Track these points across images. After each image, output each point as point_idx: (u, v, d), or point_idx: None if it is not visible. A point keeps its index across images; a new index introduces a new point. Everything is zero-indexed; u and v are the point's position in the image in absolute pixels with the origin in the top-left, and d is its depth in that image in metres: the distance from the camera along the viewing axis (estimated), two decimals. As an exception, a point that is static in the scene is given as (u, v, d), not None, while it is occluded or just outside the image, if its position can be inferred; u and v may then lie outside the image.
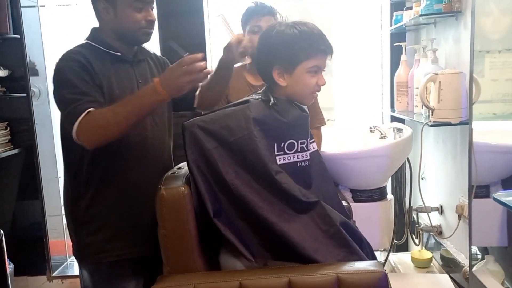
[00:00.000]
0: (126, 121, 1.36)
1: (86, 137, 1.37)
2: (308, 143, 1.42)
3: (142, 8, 1.48)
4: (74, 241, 1.56)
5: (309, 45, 1.35)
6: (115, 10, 1.47)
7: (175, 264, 1.28)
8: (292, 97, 1.40)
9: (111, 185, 1.50)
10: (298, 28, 1.35)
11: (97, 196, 1.50)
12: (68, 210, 1.57)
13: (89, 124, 1.35)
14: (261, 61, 1.41)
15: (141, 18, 1.48)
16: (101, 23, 1.54)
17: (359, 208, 2.08)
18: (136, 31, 1.50)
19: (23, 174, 2.79)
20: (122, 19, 1.48)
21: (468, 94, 1.92)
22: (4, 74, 2.61)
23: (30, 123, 2.71)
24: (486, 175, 2.03)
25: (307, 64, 1.35)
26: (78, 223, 1.53)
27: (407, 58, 2.50)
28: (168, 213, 1.26)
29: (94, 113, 1.36)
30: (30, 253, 2.79)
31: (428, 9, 2.06)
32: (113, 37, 1.52)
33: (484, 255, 2.13)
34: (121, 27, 1.49)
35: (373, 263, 1.23)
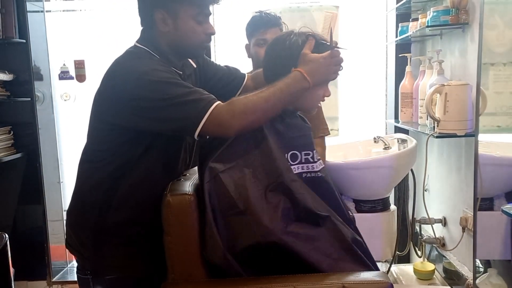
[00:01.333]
0: (273, 108, 1.30)
1: (231, 123, 1.26)
2: (314, 156, 1.40)
3: (203, 20, 1.39)
4: (90, 254, 1.43)
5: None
6: (176, 22, 1.36)
7: (180, 271, 1.27)
8: (298, 107, 1.43)
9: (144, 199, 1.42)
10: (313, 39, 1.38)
11: (133, 210, 1.41)
12: (92, 218, 1.42)
13: (233, 111, 1.26)
14: (274, 67, 1.41)
15: (202, 31, 1.39)
16: (154, 34, 1.40)
17: (362, 219, 2.05)
18: (197, 45, 1.41)
19: (25, 179, 2.78)
20: (183, 32, 1.37)
21: (475, 106, 1.92)
22: (9, 78, 2.62)
23: (33, 128, 2.71)
24: (490, 188, 2.03)
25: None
26: (101, 235, 1.42)
27: (412, 69, 2.51)
28: (174, 219, 1.25)
29: (237, 100, 1.29)
30: (31, 258, 2.78)
31: (434, 20, 2.07)
32: (169, 51, 1.41)
33: (486, 268, 2.12)
34: (181, 40, 1.39)
35: (378, 273, 1.23)
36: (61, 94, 3.02)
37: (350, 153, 2.51)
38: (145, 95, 1.27)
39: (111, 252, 1.42)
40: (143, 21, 1.43)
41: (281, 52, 1.39)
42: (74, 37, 2.92)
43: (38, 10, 2.82)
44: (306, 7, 2.70)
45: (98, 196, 1.41)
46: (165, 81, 1.28)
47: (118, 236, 1.42)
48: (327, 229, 1.30)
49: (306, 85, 1.32)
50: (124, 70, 1.33)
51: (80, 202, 1.46)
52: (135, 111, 1.29)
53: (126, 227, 1.42)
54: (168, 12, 1.35)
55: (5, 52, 2.67)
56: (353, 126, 2.87)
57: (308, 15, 2.65)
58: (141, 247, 1.44)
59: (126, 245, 1.43)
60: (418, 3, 2.50)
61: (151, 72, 1.29)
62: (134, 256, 1.43)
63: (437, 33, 2.36)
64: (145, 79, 1.28)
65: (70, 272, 3.01)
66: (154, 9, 1.36)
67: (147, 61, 1.34)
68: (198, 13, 1.37)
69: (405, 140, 2.33)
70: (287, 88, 1.31)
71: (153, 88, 1.27)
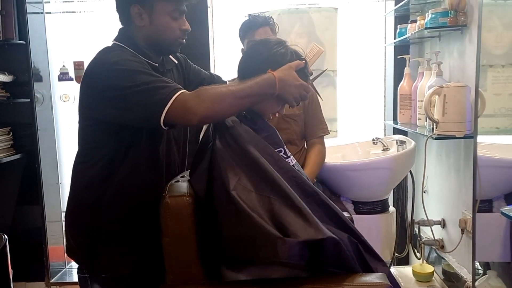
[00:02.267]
0: (240, 102, 1.30)
1: (196, 110, 1.25)
2: (287, 151, 1.42)
3: (178, 17, 1.41)
4: (85, 254, 1.45)
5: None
6: (151, 17, 1.39)
7: (178, 272, 1.27)
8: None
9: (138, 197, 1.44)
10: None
11: (122, 208, 1.43)
12: (86, 218, 1.45)
13: (199, 98, 1.26)
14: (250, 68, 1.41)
15: (177, 27, 1.42)
16: (131, 29, 1.43)
17: (361, 220, 2.07)
18: (172, 40, 1.43)
19: (24, 179, 2.78)
20: (158, 27, 1.40)
21: (473, 108, 1.92)
22: (9, 80, 2.62)
23: (33, 129, 2.71)
24: (489, 190, 2.03)
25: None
26: (94, 235, 1.43)
27: (411, 71, 2.51)
28: (172, 221, 1.25)
29: (206, 89, 1.29)
30: (29, 259, 2.78)
31: (433, 22, 2.07)
32: (145, 45, 1.43)
33: (486, 270, 2.12)
34: (156, 35, 1.41)
35: (378, 275, 1.22)
36: (61, 95, 3.02)
37: (349, 155, 2.51)
38: (112, 84, 1.29)
39: (104, 251, 1.43)
40: (121, 17, 1.45)
41: (264, 53, 1.41)
42: (74, 39, 2.92)
43: (38, 12, 2.82)
44: (305, 8, 2.70)
45: (90, 196, 1.43)
46: (131, 69, 1.30)
47: (110, 235, 1.44)
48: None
49: (272, 92, 1.32)
50: (96, 64, 1.36)
51: (74, 203, 1.48)
52: (106, 101, 1.32)
53: (117, 226, 1.43)
54: (143, 7, 1.38)
55: (5, 53, 2.67)
56: (351, 127, 2.88)
57: (306, 16, 2.65)
58: (134, 245, 1.45)
59: (119, 244, 1.44)
60: (416, 5, 2.51)
61: (120, 62, 1.31)
62: (127, 254, 1.45)
63: (435, 35, 2.37)
64: (113, 69, 1.30)
65: (68, 273, 3.00)
66: (130, 4, 1.39)
67: (118, 53, 1.37)
68: (173, 9, 1.39)
69: (404, 141, 2.33)
70: (257, 88, 1.31)
71: (120, 76, 1.29)
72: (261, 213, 1.22)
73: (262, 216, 1.21)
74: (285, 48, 1.41)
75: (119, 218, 1.43)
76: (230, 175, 1.26)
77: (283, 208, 1.22)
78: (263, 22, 2.01)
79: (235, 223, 1.22)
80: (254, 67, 1.39)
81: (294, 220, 1.20)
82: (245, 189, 1.25)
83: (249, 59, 1.46)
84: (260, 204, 1.23)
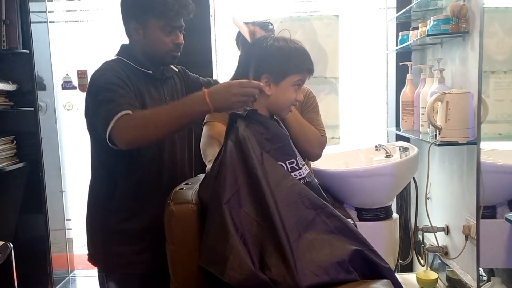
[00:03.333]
0: (166, 126, 1.33)
1: (122, 136, 1.32)
2: (299, 163, 1.42)
3: (171, 31, 1.51)
4: (100, 251, 1.56)
5: (301, 61, 1.43)
6: (145, 32, 1.51)
7: (183, 281, 1.27)
8: (271, 107, 1.45)
9: (142, 199, 1.53)
10: (291, 44, 1.43)
11: (134, 207, 1.53)
12: (98, 220, 1.56)
13: (127, 123, 1.32)
14: (249, 68, 1.43)
15: (169, 41, 1.51)
16: (131, 42, 1.57)
17: (364, 227, 2.05)
18: (164, 53, 1.53)
19: (27, 188, 2.78)
20: (151, 40, 1.51)
21: (476, 114, 1.93)
22: (13, 88, 2.63)
23: (36, 137, 2.72)
24: (492, 196, 2.03)
25: (295, 78, 1.42)
26: (109, 234, 1.54)
27: (413, 77, 2.52)
28: (178, 228, 1.26)
29: (134, 114, 1.35)
30: (32, 267, 2.77)
31: (435, 29, 2.08)
32: (142, 56, 1.55)
33: (490, 276, 2.11)
34: (150, 48, 1.52)
35: (384, 282, 1.22)
36: (64, 104, 3.04)
37: (352, 161, 2.51)
38: (89, 96, 1.45)
39: (118, 250, 1.53)
40: (125, 31, 1.58)
41: (248, 60, 1.44)
42: (77, 48, 2.95)
43: (42, 21, 2.84)
44: (307, 16, 2.72)
45: (102, 196, 1.55)
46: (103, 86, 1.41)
47: (122, 234, 1.53)
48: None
49: (206, 109, 1.32)
50: (91, 78, 1.49)
51: (90, 207, 1.60)
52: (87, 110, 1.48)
53: (128, 223, 1.53)
54: (139, 23, 1.51)
55: (9, 63, 2.68)
56: (354, 134, 2.88)
57: (308, 24, 2.67)
58: (146, 243, 1.53)
59: (132, 243, 1.53)
60: (418, 12, 2.52)
61: (101, 78, 1.44)
62: (140, 252, 1.53)
63: (437, 42, 2.37)
64: (94, 83, 1.45)
65: (71, 281, 3.00)
66: (129, 20, 1.53)
67: (108, 68, 1.48)
68: (165, 24, 1.49)
69: (407, 148, 2.33)
70: (184, 108, 1.33)
71: (93, 89, 1.44)
72: (245, 234, 1.23)
73: (244, 237, 1.22)
74: (271, 39, 1.42)
75: (129, 215, 1.52)
76: (228, 187, 1.27)
77: (267, 238, 1.24)
78: (261, 27, 1.93)
79: (216, 236, 1.24)
80: (251, 67, 1.42)
81: (271, 254, 1.22)
82: (238, 205, 1.26)
83: (245, 60, 1.49)
84: (247, 223, 1.25)
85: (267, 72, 1.40)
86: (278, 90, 1.41)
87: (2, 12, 2.51)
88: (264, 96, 1.41)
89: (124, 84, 1.43)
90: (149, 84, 1.54)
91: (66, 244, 3.03)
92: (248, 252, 1.21)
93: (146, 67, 1.55)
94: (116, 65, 1.50)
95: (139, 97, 1.47)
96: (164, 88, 1.60)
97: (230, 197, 1.25)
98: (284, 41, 1.42)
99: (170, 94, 1.62)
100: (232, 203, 1.25)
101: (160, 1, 1.47)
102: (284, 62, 1.40)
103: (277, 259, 1.21)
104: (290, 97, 1.43)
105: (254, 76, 1.41)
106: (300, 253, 1.23)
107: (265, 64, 1.40)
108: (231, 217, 1.23)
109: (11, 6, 2.56)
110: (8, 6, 2.55)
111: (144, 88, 1.52)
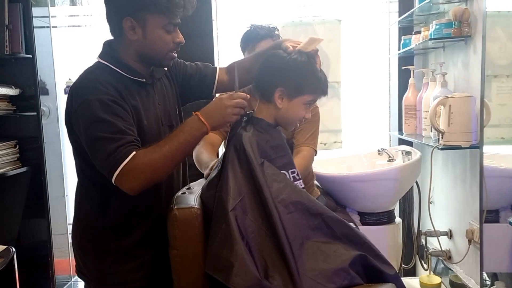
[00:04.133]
0: (173, 160, 1.29)
1: (131, 185, 1.25)
2: (298, 173, 1.44)
3: (172, 30, 1.38)
4: (94, 274, 1.45)
5: (318, 82, 1.44)
6: (144, 31, 1.35)
7: (186, 285, 1.27)
8: (279, 119, 1.46)
9: (138, 216, 1.44)
10: (313, 63, 1.44)
11: (125, 226, 1.43)
12: (89, 237, 1.45)
13: (135, 172, 1.24)
14: (266, 78, 1.44)
15: (170, 40, 1.38)
16: (121, 42, 1.40)
17: (367, 231, 2.02)
18: (164, 53, 1.40)
19: (30, 192, 2.78)
20: (151, 40, 1.36)
21: (479, 118, 1.92)
22: (15, 93, 2.63)
23: (39, 142, 2.72)
24: (495, 200, 2.02)
25: (308, 97, 1.44)
26: (101, 253, 1.43)
27: (415, 81, 2.52)
28: (181, 233, 1.25)
29: (138, 156, 1.25)
30: (35, 272, 2.77)
31: (437, 33, 2.08)
32: (133, 57, 1.40)
33: (493, 281, 2.11)
34: (148, 49, 1.38)
35: (389, 286, 1.22)
36: (66, 109, 3.04)
37: (354, 166, 2.51)
38: (79, 123, 1.31)
39: (112, 269, 1.42)
40: (112, 29, 1.41)
41: (267, 69, 1.44)
42: (79, 52, 2.95)
43: (45, 26, 2.85)
44: (309, 21, 2.73)
45: (92, 213, 1.43)
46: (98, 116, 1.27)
47: (115, 254, 1.42)
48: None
49: (204, 130, 1.31)
50: (74, 92, 1.35)
51: (79, 222, 1.48)
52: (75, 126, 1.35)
53: (123, 240, 1.42)
54: (136, 20, 1.34)
55: (12, 67, 2.68)
56: (356, 138, 2.88)
57: (310, 29, 2.67)
58: (142, 259, 1.44)
59: (127, 260, 1.43)
60: (420, 16, 2.52)
61: (93, 98, 1.29)
62: (135, 271, 1.43)
63: (439, 46, 2.37)
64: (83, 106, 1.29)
65: (74, 286, 3.00)
66: (123, 17, 1.34)
67: (96, 83, 1.32)
68: (168, 23, 1.35)
69: (410, 152, 2.33)
70: (185, 137, 1.29)
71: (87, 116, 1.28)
72: (250, 241, 1.24)
73: (249, 244, 1.24)
74: (296, 54, 1.42)
75: (123, 231, 1.43)
76: (234, 194, 1.28)
77: (270, 246, 1.25)
78: (266, 34, 1.90)
79: (221, 243, 1.24)
80: (267, 83, 1.43)
81: (275, 262, 1.23)
82: (243, 212, 1.27)
83: (263, 75, 1.46)
84: (251, 231, 1.26)
85: (283, 86, 1.40)
86: (289, 105, 1.42)
87: (5, 17, 2.52)
88: (274, 107, 1.42)
89: (119, 107, 1.30)
90: (141, 93, 1.41)
91: (69, 248, 3.02)
92: (253, 259, 1.21)
93: (138, 75, 1.40)
94: (103, 77, 1.33)
95: (135, 113, 1.35)
96: (155, 91, 1.47)
97: (236, 205, 1.25)
98: (307, 58, 1.42)
99: (161, 97, 1.50)
100: (237, 211, 1.25)
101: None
102: (303, 80, 1.41)
103: (281, 268, 1.22)
104: (299, 114, 1.44)
105: (267, 88, 1.41)
106: (304, 261, 1.24)
107: (283, 77, 1.40)
108: (237, 224, 1.23)
109: (14, 11, 2.56)
110: (11, 12, 2.55)
111: (138, 98, 1.38)
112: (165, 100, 1.51)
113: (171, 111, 1.53)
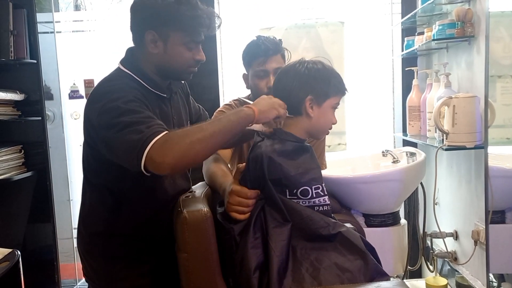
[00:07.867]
0: (212, 138, 1.20)
1: (163, 160, 1.14)
2: (324, 189, 1.43)
3: (193, 47, 1.39)
4: (100, 274, 1.46)
5: (339, 83, 1.46)
6: (166, 46, 1.36)
7: (196, 287, 1.26)
8: (312, 130, 1.46)
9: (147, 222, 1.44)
10: (328, 67, 1.46)
11: (135, 232, 1.43)
12: (101, 244, 1.45)
13: (168, 145, 1.15)
14: (293, 90, 1.43)
15: (191, 57, 1.39)
16: (142, 53, 1.40)
17: (372, 233, 2.05)
18: (183, 69, 1.41)
19: (35, 197, 2.79)
20: (171, 55, 1.37)
21: (483, 118, 1.92)
22: (20, 98, 2.65)
23: (44, 146, 2.73)
24: (501, 200, 2.01)
25: (335, 100, 1.46)
26: (110, 258, 1.44)
27: (419, 82, 2.52)
28: (191, 236, 1.24)
29: (171, 133, 1.19)
30: (40, 276, 2.77)
31: (440, 34, 2.08)
32: (153, 70, 1.40)
33: (500, 282, 2.10)
34: (168, 64, 1.39)
35: (398, 282, 1.22)
36: (71, 113, 3.06)
37: (359, 167, 2.50)
38: (101, 124, 1.26)
39: (122, 274, 1.43)
40: (134, 38, 1.42)
41: (289, 83, 1.43)
42: (84, 57, 2.97)
43: (49, 31, 2.87)
44: (312, 23, 2.73)
45: (103, 218, 1.43)
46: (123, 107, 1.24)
47: (126, 257, 1.43)
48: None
49: (250, 112, 1.29)
50: (96, 95, 1.32)
51: (87, 229, 1.48)
52: (98, 138, 1.30)
53: (132, 245, 1.43)
54: (159, 34, 1.34)
55: (17, 73, 2.70)
56: (360, 140, 2.88)
57: (313, 31, 2.68)
58: (150, 264, 1.45)
59: (136, 265, 1.44)
60: (423, 17, 2.52)
61: (113, 100, 1.25)
62: (145, 274, 1.44)
63: (443, 47, 2.37)
64: (105, 107, 1.25)
65: (80, 290, 3.00)
66: (146, 29, 1.35)
67: (122, 84, 1.32)
68: (190, 40, 1.36)
69: (414, 153, 2.32)
70: (229, 117, 1.26)
71: (109, 115, 1.24)
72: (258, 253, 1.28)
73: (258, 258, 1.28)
74: (300, 64, 1.44)
75: (132, 237, 1.43)
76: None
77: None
78: (276, 49, 1.81)
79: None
80: (290, 99, 1.42)
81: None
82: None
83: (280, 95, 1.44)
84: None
85: (311, 94, 1.41)
86: (320, 112, 1.43)
87: (10, 22, 2.53)
88: (305, 119, 1.43)
89: (145, 105, 1.28)
90: (160, 106, 1.41)
91: (74, 253, 3.03)
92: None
93: (159, 89, 1.41)
94: (125, 82, 1.34)
95: None
96: (171, 105, 1.48)
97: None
98: (320, 64, 1.45)
99: (176, 112, 1.51)
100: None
101: (190, 14, 1.33)
102: (326, 84, 1.43)
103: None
104: (330, 119, 1.46)
105: (296, 100, 1.41)
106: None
107: (308, 87, 1.41)
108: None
109: (19, 17, 2.58)
110: (16, 17, 2.57)
111: (157, 111, 1.38)
112: (179, 115, 1.52)
113: (185, 126, 1.53)
